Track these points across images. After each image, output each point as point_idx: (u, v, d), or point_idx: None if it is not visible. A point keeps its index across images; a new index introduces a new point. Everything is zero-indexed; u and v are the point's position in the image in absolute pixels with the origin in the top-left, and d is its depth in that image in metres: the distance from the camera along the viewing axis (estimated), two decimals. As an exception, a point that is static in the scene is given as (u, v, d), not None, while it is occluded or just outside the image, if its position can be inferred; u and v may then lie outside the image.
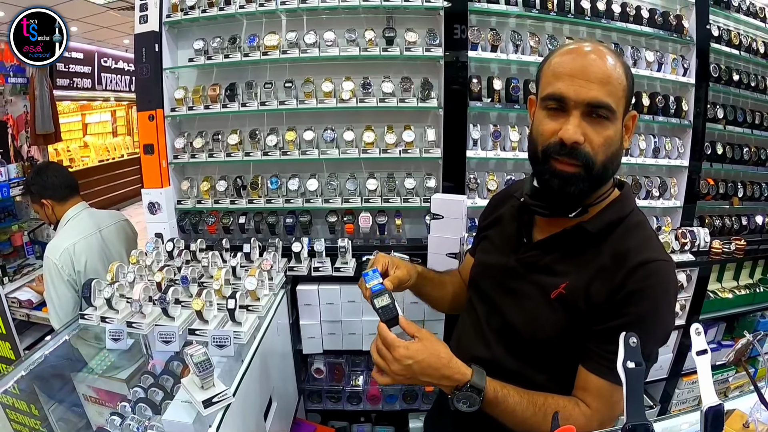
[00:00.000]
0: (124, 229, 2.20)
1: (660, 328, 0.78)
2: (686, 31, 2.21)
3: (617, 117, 0.76)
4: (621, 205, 0.84)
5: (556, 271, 0.83)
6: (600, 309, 0.77)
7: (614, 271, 0.77)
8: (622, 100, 0.77)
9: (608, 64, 0.76)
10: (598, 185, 0.81)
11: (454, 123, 1.84)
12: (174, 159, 2.03)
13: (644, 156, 2.12)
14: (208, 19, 2.01)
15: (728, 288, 2.41)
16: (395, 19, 1.95)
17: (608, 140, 0.76)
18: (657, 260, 0.77)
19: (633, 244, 0.79)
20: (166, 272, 1.72)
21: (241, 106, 1.94)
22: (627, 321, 0.74)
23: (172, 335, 1.50)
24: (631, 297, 0.75)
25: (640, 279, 0.75)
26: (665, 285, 0.77)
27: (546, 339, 0.83)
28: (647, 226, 0.85)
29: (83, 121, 6.54)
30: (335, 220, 1.93)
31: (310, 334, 1.89)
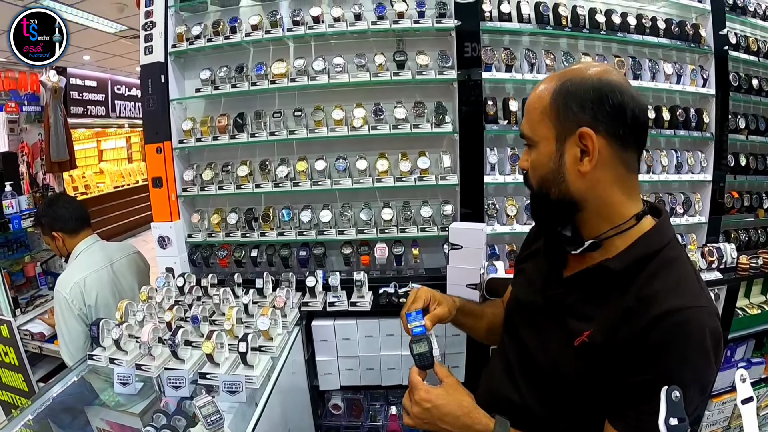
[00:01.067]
0: (135, 262, 2.11)
1: (694, 386, 0.65)
2: (703, 40, 2.09)
3: (536, 140, 0.76)
4: (653, 238, 0.73)
5: (581, 315, 0.75)
6: (626, 358, 0.68)
7: (639, 317, 0.67)
8: (541, 123, 0.74)
9: (532, 93, 0.77)
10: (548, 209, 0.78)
11: (470, 147, 1.73)
12: (183, 192, 1.94)
13: (666, 172, 1.99)
14: (214, 48, 1.92)
15: (756, 304, 2.26)
16: (405, 42, 1.85)
17: (533, 164, 0.77)
18: (688, 308, 0.66)
19: (662, 287, 0.68)
20: (176, 311, 1.63)
21: (249, 137, 1.84)
22: (654, 378, 0.65)
23: (182, 380, 1.41)
24: (657, 351, 0.65)
25: (666, 331, 0.65)
26: (698, 335, 0.65)
27: (569, 381, 0.75)
28: (683, 263, 0.73)
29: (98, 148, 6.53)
30: (350, 251, 1.82)
31: (326, 371, 1.78)
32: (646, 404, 0.65)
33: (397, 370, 1.76)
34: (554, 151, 0.73)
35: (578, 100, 0.70)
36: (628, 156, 0.72)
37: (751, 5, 2.28)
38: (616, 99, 0.69)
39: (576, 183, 0.72)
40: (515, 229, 1.78)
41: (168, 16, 1.94)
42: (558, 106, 0.72)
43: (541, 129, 0.74)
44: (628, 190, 0.74)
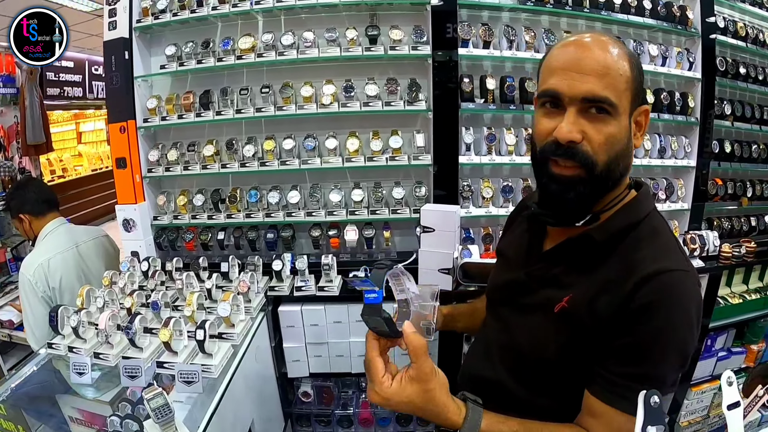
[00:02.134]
0: (103, 245, 2.00)
1: (676, 349, 0.64)
2: (690, 22, 1.98)
3: (620, 112, 0.65)
4: (634, 209, 0.71)
5: (562, 284, 0.72)
6: (607, 325, 0.65)
7: (623, 283, 0.65)
8: (626, 93, 0.65)
9: (607, 54, 0.65)
10: (604, 189, 0.69)
11: (444, 126, 1.62)
12: (148, 173, 1.82)
13: (649, 157, 1.89)
14: (181, 22, 1.80)
15: (738, 293, 2.19)
16: (379, 16, 1.73)
17: (610, 138, 0.65)
18: (673, 270, 0.64)
19: (645, 253, 0.66)
20: (137, 296, 1.53)
21: (215, 115, 1.72)
22: (638, 340, 0.63)
23: (138, 369, 1.31)
24: (642, 312, 0.63)
25: (651, 291, 0.63)
26: (683, 299, 0.64)
27: (549, 358, 0.72)
28: (665, 231, 0.72)
29: (77, 130, 6.26)
30: (319, 234, 1.71)
31: (294, 357, 1.68)
32: (629, 368, 0.63)
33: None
34: (628, 126, 0.67)
35: (643, 78, 0.69)
36: None
37: (740, -11, 2.18)
38: None
39: (630, 157, 0.70)
40: (491, 212, 1.68)
41: (134, -10, 1.80)
42: (638, 81, 0.67)
43: (625, 100, 0.65)
44: None
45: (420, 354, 0.62)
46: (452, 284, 1.56)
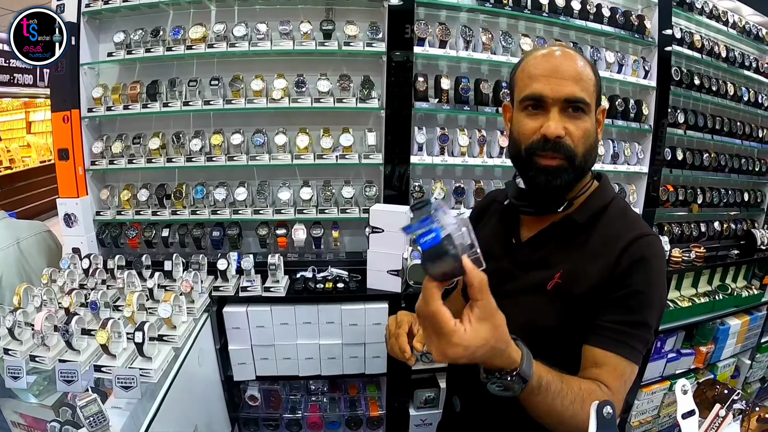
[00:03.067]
0: (45, 241, 1.87)
1: (659, 297, 0.76)
2: (648, 31, 1.99)
3: (591, 110, 0.77)
4: (602, 194, 0.83)
5: (550, 264, 0.80)
6: (599, 289, 0.75)
7: (608, 254, 0.75)
8: (594, 95, 0.78)
9: (578, 63, 0.78)
10: (581, 177, 0.79)
11: (397, 125, 1.57)
12: (91, 165, 1.71)
13: (602, 162, 1.89)
14: (131, 8, 1.69)
15: (687, 296, 2.23)
16: (336, 11, 1.66)
17: (586, 132, 0.76)
18: (649, 234, 0.78)
19: (621, 226, 0.79)
20: (76, 296, 1.43)
21: (163, 106, 1.63)
22: (629, 292, 0.73)
23: (74, 373, 1.21)
24: (629, 269, 0.73)
25: (637, 250, 0.74)
26: (660, 256, 0.78)
27: (546, 332, 0.78)
28: (630, 210, 0.86)
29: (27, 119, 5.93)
30: (267, 232, 1.64)
31: (240, 360, 1.61)
32: (625, 316, 0.72)
33: (314, 360, 1.60)
34: (595, 122, 0.78)
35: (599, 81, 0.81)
36: None
37: (698, 2, 2.21)
38: None
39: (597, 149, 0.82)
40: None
41: (83, -27, 1.69)
42: (599, 84, 0.80)
43: (593, 100, 0.77)
44: None
45: (485, 289, 0.56)
46: (401, 286, 1.52)
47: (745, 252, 2.38)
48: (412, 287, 1.51)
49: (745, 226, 2.50)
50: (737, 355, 2.50)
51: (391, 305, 1.50)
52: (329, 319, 1.54)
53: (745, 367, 2.60)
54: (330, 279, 1.53)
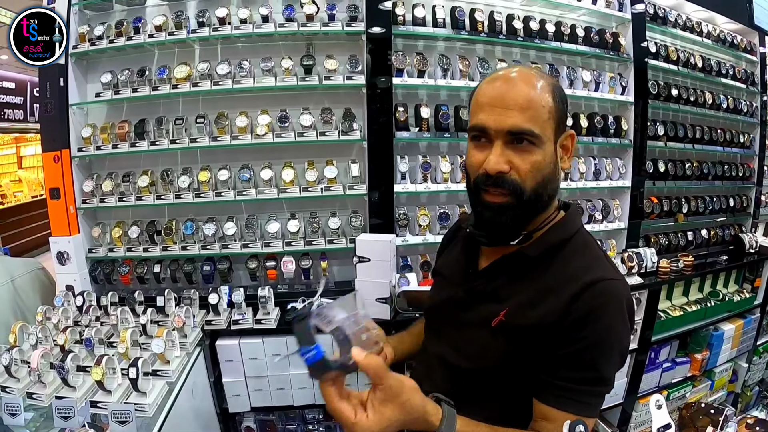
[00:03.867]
0: (39, 278, 1.90)
1: (617, 351, 0.70)
2: (623, 48, 2.05)
3: (544, 140, 0.70)
4: (563, 227, 0.77)
5: (499, 298, 0.76)
6: (548, 336, 0.69)
7: (559, 295, 0.69)
8: (549, 122, 0.71)
9: (530, 88, 0.70)
10: (534, 211, 0.74)
11: (379, 156, 1.62)
12: (82, 204, 1.75)
13: (585, 179, 1.94)
14: (117, 49, 1.75)
15: (679, 305, 2.26)
16: (316, 46, 1.72)
17: (535, 165, 0.70)
18: (605, 279, 0.70)
19: (578, 266, 0.72)
20: (71, 333, 1.46)
21: (150, 145, 1.67)
22: (582, 347, 0.67)
23: (71, 410, 1.24)
24: (583, 321, 0.67)
25: (589, 300, 0.68)
26: (618, 304, 0.70)
27: (490, 371, 0.74)
28: (594, 246, 0.78)
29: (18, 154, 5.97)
30: (256, 265, 1.68)
31: (234, 392, 1.63)
32: (577, 373, 0.68)
33: (309, 389, 1.62)
34: (553, 152, 0.72)
35: (566, 103, 0.75)
36: None
37: (671, 16, 2.28)
38: None
39: (559, 180, 0.76)
40: (428, 240, 1.68)
41: (71, 15, 1.75)
42: (560, 109, 0.72)
43: (548, 129, 0.71)
44: None
45: (381, 374, 0.58)
46: (390, 313, 1.55)
47: (734, 257, 2.41)
48: (401, 314, 1.54)
49: (732, 231, 2.54)
50: (734, 360, 2.52)
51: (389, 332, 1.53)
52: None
53: (742, 371, 2.62)
54: (320, 309, 1.56)
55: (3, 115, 4.50)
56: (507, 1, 1.89)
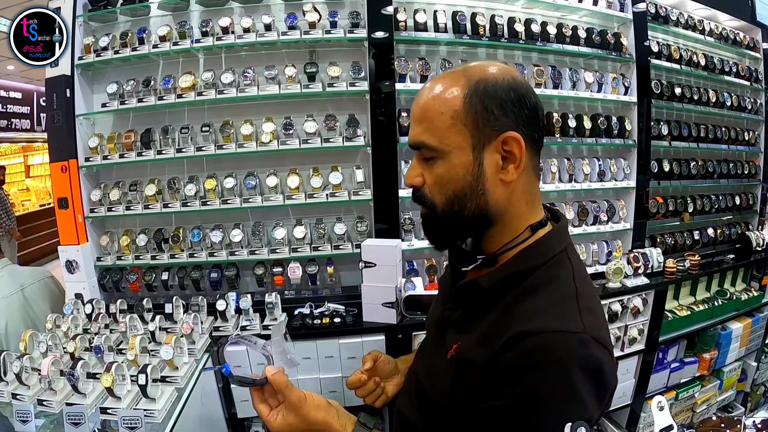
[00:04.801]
0: (48, 287, 1.94)
1: (553, 419, 0.55)
2: (625, 48, 2.07)
3: (447, 151, 0.63)
4: (535, 252, 0.65)
5: (458, 329, 0.70)
6: (482, 381, 0.61)
7: (496, 338, 0.59)
8: (455, 129, 0.62)
9: (429, 95, 0.64)
10: (457, 227, 0.67)
11: (383, 161, 1.63)
12: (90, 213, 1.78)
13: (589, 180, 1.95)
14: (122, 60, 1.78)
15: (686, 305, 2.26)
16: (319, 53, 1.74)
17: (438, 179, 0.64)
18: (548, 332, 0.56)
19: (528, 307, 0.60)
20: (80, 340, 1.49)
21: (157, 154, 1.70)
22: (506, 404, 0.57)
23: (81, 416, 1.27)
24: (507, 375, 0.57)
25: (519, 354, 0.56)
26: (556, 365, 0.55)
27: (447, 403, 0.69)
28: (562, 283, 0.63)
29: (25, 163, 6.07)
30: (263, 272, 1.70)
31: (243, 397, 1.64)
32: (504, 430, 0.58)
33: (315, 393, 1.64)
34: (471, 161, 0.62)
35: (498, 102, 0.62)
36: (536, 161, 0.66)
37: (673, 15, 2.28)
38: (531, 100, 0.63)
39: (496, 194, 0.64)
40: (433, 243, 1.69)
41: (76, 27, 1.79)
42: (476, 110, 0.61)
43: (453, 137, 0.62)
44: (533, 197, 0.68)
45: (283, 388, 0.71)
46: (396, 317, 1.56)
47: (741, 255, 2.41)
48: (407, 318, 1.56)
49: (739, 229, 2.54)
50: (743, 359, 2.52)
51: (387, 337, 1.54)
52: (328, 354, 1.58)
53: (751, 370, 2.61)
54: (327, 314, 1.58)
55: (10, 125, 4.57)
56: (508, 5, 1.91)
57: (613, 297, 1.86)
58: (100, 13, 1.81)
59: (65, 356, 1.43)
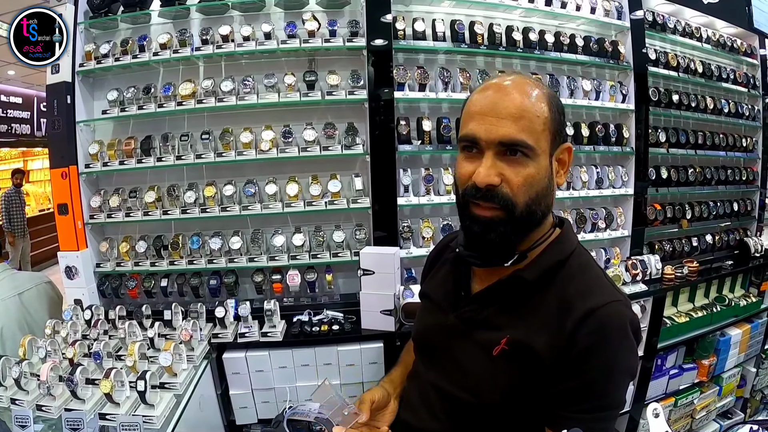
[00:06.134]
0: (46, 293, 1.94)
1: (627, 374, 0.69)
2: (623, 56, 2.09)
3: (539, 153, 0.67)
4: (560, 246, 0.73)
5: (497, 325, 0.72)
6: (554, 367, 0.66)
7: (561, 323, 0.66)
8: (545, 134, 0.68)
9: (524, 97, 0.67)
10: (526, 228, 0.71)
11: (382, 169, 1.65)
12: (90, 219, 1.80)
13: (587, 188, 1.97)
14: (123, 67, 1.80)
15: (684, 312, 2.28)
16: (318, 61, 1.77)
17: (529, 179, 0.67)
18: (606, 303, 0.66)
19: (578, 290, 0.69)
20: (79, 346, 1.51)
21: (157, 161, 1.72)
22: (591, 378, 0.66)
23: (80, 422, 1.28)
24: (589, 351, 0.65)
25: (593, 330, 0.65)
26: (622, 329, 0.66)
27: (494, 404, 0.70)
28: (592, 265, 0.75)
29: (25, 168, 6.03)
30: (262, 279, 1.71)
31: (241, 404, 1.66)
32: (589, 403, 0.66)
33: (315, 403, 1.66)
34: (548, 165, 0.69)
35: (563, 115, 0.72)
36: None
37: (670, 22, 2.31)
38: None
39: (552, 196, 0.72)
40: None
41: (77, 34, 1.81)
42: (558, 119, 0.70)
43: (543, 141, 0.67)
44: None
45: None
46: (395, 325, 1.58)
47: (739, 261, 2.43)
48: (405, 325, 1.58)
49: (737, 235, 2.56)
50: (742, 365, 2.53)
51: (385, 344, 1.56)
52: (326, 361, 1.59)
53: (751, 376, 2.63)
54: (325, 321, 1.59)
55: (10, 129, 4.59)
56: (506, 13, 1.93)
57: (611, 304, 1.87)
58: (101, 21, 1.83)
59: (64, 362, 1.44)
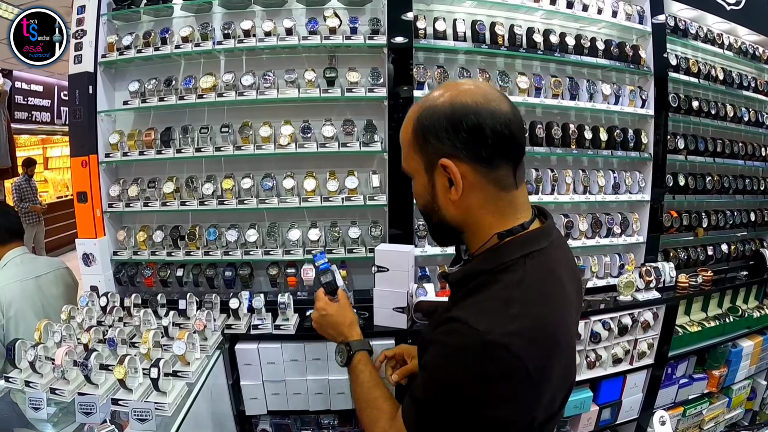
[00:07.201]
0: (62, 277, 1.99)
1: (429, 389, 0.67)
2: (643, 61, 2.08)
3: (414, 173, 0.76)
4: (489, 258, 0.70)
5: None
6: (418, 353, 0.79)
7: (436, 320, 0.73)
8: (411, 154, 0.74)
9: (402, 125, 0.76)
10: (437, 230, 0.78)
11: (400, 167, 1.65)
12: (108, 207, 1.83)
13: (604, 193, 1.96)
14: (144, 59, 1.83)
15: (697, 321, 2.26)
16: (339, 58, 1.78)
17: (414, 193, 0.78)
18: (463, 323, 0.62)
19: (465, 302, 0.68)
20: (94, 332, 1.54)
21: (176, 152, 1.75)
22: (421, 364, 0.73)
23: (93, 406, 1.31)
24: (427, 347, 0.70)
25: (438, 332, 0.67)
26: (456, 352, 0.62)
27: None
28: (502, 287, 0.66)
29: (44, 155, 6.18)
30: (277, 272, 1.74)
31: (252, 395, 1.68)
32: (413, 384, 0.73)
33: (324, 395, 1.67)
34: (427, 182, 0.73)
35: (433, 132, 0.69)
36: (498, 174, 0.68)
37: (692, 28, 2.30)
38: (470, 121, 0.66)
39: (450, 210, 0.72)
40: (446, 251, 1.72)
41: (100, 25, 1.84)
42: (419, 140, 0.71)
43: (411, 161, 0.74)
44: (500, 208, 0.71)
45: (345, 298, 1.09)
46: (407, 323, 1.59)
47: (754, 272, 2.41)
48: (417, 323, 1.59)
49: (753, 246, 2.53)
50: (752, 377, 2.51)
51: (397, 341, 1.57)
52: (338, 356, 1.61)
53: (761, 388, 2.60)
54: (338, 317, 1.61)
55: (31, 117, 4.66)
56: (527, 15, 1.93)
57: (623, 310, 1.87)
58: (124, 13, 1.86)
59: (79, 347, 1.47)
